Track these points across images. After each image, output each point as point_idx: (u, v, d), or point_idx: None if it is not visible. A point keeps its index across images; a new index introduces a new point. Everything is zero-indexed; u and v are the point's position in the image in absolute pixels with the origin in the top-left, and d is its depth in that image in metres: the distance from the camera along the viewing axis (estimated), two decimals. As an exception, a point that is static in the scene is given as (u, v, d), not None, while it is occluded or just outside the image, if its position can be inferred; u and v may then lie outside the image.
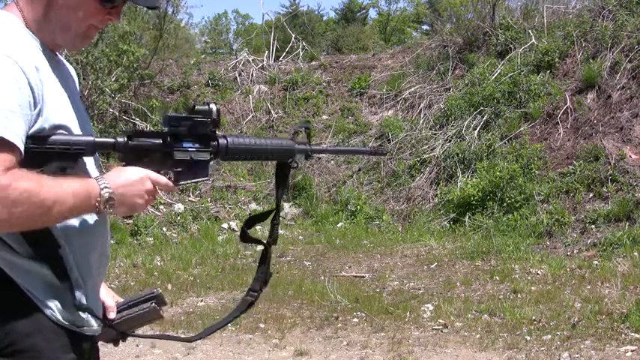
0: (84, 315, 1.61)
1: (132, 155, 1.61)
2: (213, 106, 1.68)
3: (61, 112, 1.54)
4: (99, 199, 1.48)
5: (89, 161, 1.65)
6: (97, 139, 1.57)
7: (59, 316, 1.54)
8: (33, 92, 1.45)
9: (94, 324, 1.66)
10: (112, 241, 8.40)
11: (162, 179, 1.62)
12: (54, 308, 1.53)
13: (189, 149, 1.67)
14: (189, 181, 1.70)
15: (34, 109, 1.45)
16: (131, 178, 1.55)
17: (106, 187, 1.50)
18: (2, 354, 1.48)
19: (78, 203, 1.45)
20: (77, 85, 1.81)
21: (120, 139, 1.59)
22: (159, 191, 1.63)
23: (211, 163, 1.74)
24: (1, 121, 1.37)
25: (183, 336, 2.50)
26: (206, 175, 1.72)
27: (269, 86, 12.51)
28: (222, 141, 1.72)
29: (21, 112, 1.41)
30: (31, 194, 1.37)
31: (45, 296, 1.52)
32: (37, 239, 1.49)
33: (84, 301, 1.59)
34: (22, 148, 1.41)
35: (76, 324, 1.58)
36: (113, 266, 7.46)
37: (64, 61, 1.76)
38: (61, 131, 1.52)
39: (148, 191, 1.57)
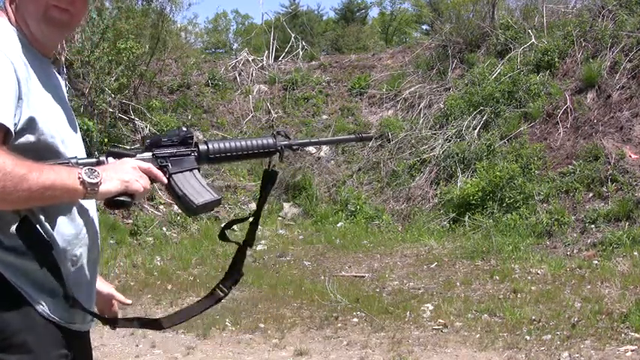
0: (72, 310, 1.62)
1: None
2: (196, 137, 1.81)
3: (46, 108, 1.55)
4: (80, 171, 1.47)
5: None
6: (79, 161, 1.58)
7: (49, 312, 1.55)
8: (19, 85, 1.46)
9: (83, 320, 1.67)
10: (111, 241, 8.43)
11: (154, 169, 1.64)
12: (44, 303, 1.54)
13: (171, 151, 1.76)
14: (179, 171, 1.73)
15: (20, 101, 1.46)
16: (116, 163, 1.60)
17: (87, 165, 1.52)
18: None
19: (60, 180, 1.43)
20: (64, 87, 1.81)
21: (102, 159, 1.63)
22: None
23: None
24: None
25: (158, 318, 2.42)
26: (195, 166, 1.77)
27: (269, 86, 12.51)
28: (202, 147, 1.80)
29: (9, 101, 1.42)
30: (5, 168, 1.35)
31: (35, 291, 1.53)
32: (30, 241, 1.49)
33: (76, 297, 1.60)
34: (11, 128, 1.41)
35: (65, 319, 1.60)
36: (113, 266, 7.46)
37: (50, 62, 1.77)
38: (47, 128, 1.52)
39: (134, 168, 1.58)
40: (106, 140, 9.46)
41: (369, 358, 4.66)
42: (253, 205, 9.99)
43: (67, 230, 1.60)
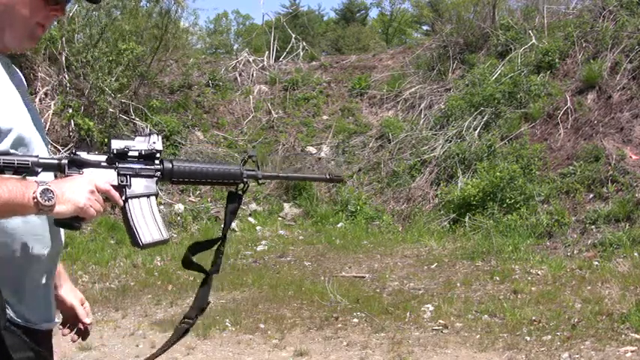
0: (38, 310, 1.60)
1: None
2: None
3: (10, 113, 1.53)
4: (36, 189, 1.43)
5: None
6: (40, 160, 1.55)
7: (12, 314, 1.52)
8: None
9: (48, 319, 1.65)
10: (111, 241, 8.42)
11: (112, 191, 1.60)
12: (7, 305, 1.51)
13: (134, 167, 1.70)
14: (136, 195, 1.69)
15: None
16: (74, 179, 1.54)
17: (43, 183, 1.46)
18: None
19: (13, 201, 1.40)
20: (25, 85, 1.78)
21: (63, 162, 1.58)
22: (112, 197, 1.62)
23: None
24: None
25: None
26: (153, 192, 1.72)
27: (269, 86, 12.51)
28: (167, 166, 1.74)
29: None
30: None
31: None
32: None
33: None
34: None
35: (31, 320, 1.58)
36: (113, 266, 7.46)
37: (9, 61, 1.75)
38: (12, 134, 1.50)
39: (91, 192, 1.53)
40: (106, 140, 9.46)
41: (369, 358, 4.66)
42: (253, 206, 9.99)
43: (25, 226, 1.57)
